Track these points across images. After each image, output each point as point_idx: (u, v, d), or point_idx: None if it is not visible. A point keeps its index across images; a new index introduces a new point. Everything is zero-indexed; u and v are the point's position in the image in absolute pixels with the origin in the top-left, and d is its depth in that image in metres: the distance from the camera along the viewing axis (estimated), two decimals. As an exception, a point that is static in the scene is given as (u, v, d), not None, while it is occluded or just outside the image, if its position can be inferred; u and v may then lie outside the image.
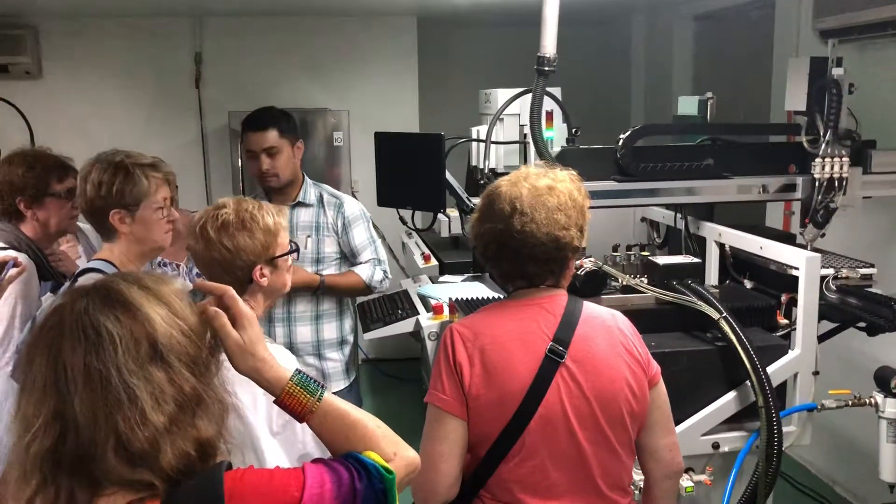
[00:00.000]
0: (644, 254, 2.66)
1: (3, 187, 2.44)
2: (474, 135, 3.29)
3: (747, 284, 2.65)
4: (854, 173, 2.63)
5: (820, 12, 2.90)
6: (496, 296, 3.03)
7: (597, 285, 2.37)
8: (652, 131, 2.88)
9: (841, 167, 2.58)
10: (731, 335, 2.19)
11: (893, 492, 2.32)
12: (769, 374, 2.18)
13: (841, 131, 2.60)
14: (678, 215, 2.87)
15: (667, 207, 2.97)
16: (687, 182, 2.65)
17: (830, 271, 2.43)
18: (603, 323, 1.74)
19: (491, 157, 3.08)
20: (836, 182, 2.59)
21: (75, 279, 2.14)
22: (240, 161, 5.14)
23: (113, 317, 1.04)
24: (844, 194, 2.60)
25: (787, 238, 2.78)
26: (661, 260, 2.50)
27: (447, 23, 5.98)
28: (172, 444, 1.02)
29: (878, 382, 2.29)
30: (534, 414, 1.62)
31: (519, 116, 3.20)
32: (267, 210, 1.86)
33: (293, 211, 2.88)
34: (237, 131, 5.06)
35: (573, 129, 2.95)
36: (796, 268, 2.30)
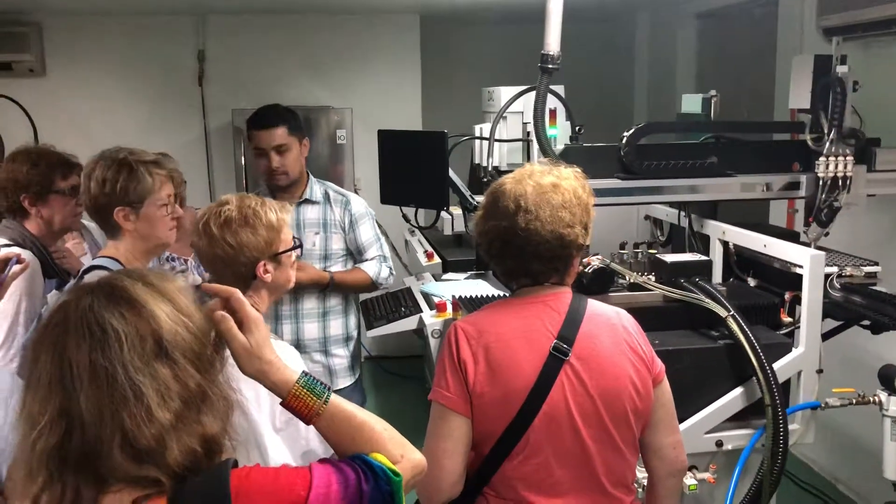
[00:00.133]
0: (651, 251, 2.66)
1: (8, 185, 2.44)
2: (477, 133, 3.28)
3: (751, 282, 2.64)
4: (858, 171, 2.62)
5: (824, 10, 2.89)
6: (499, 293, 3.03)
7: (604, 283, 2.37)
8: (656, 129, 2.88)
9: (845, 166, 2.57)
10: (739, 333, 2.19)
11: (897, 490, 2.32)
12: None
13: (845, 130, 2.60)
14: (682, 213, 2.86)
15: (670, 205, 2.96)
16: (691, 180, 2.65)
17: (834, 269, 2.43)
18: (607, 321, 1.74)
19: (494, 155, 3.08)
20: (841, 181, 2.58)
21: (81, 276, 2.14)
22: (243, 159, 5.14)
23: (118, 314, 1.04)
24: (848, 193, 2.60)
25: (791, 236, 2.77)
26: (669, 258, 2.50)
27: (450, 21, 5.98)
28: (178, 441, 1.03)
29: (882, 380, 2.28)
30: (538, 411, 1.62)
31: (522, 114, 3.19)
32: (270, 206, 1.86)
33: (299, 208, 2.89)
34: (240, 129, 5.09)
35: (577, 127, 2.95)
36: (800, 266, 2.30)
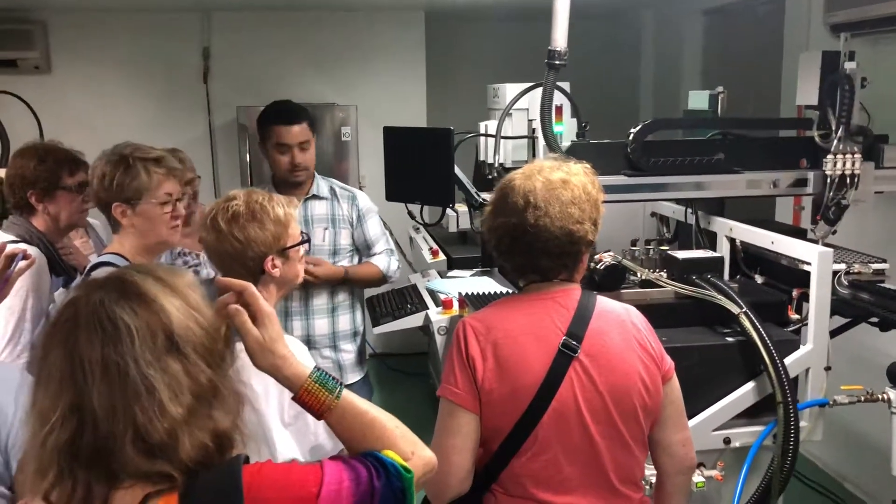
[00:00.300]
0: (663, 248, 2.65)
1: (15, 181, 2.44)
2: (482, 129, 3.28)
3: (758, 279, 2.64)
4: (866, 168, 2.61)
5: (831, 6, 2.88)
6: (505, 290, 3.03)
7: (616, 279, 2.37)
8: (663, 126, 2.87)
9: (853, 164, 2.56)
10: (752, 330, 2.18)
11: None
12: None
13: (853, 127, 2.58)
14: (689, 210, 2.85)
15: (677, 202, 2.95)
16: (698, 177, 2.64)
17: (842, 266, 2.42)
18: (617, 317, 1.73)
19: (500, 152, 3.08)
20: (849, 179, 2.57)
21: (87, 273, 2.14)
22: (248, 156, 5.14)
23: (129, 308, 1.04)
24: (856, 190, 2.59)
25: (798, 233, 2.76)
26: (681, 254, 2.49)
27: (454, 17, 5.98)
28: (191, 436, 1.02)
29: (891, 378, 2.27)
30: (547, 408, 1.62)
31: (527, 111, 3.19)
32: (277, 201, 1.86)
33: (307, 204, 2.89)
34: (245, 126, 5.09)
35: (583, 124, 2.94)
36: (808, 263, 2.29)
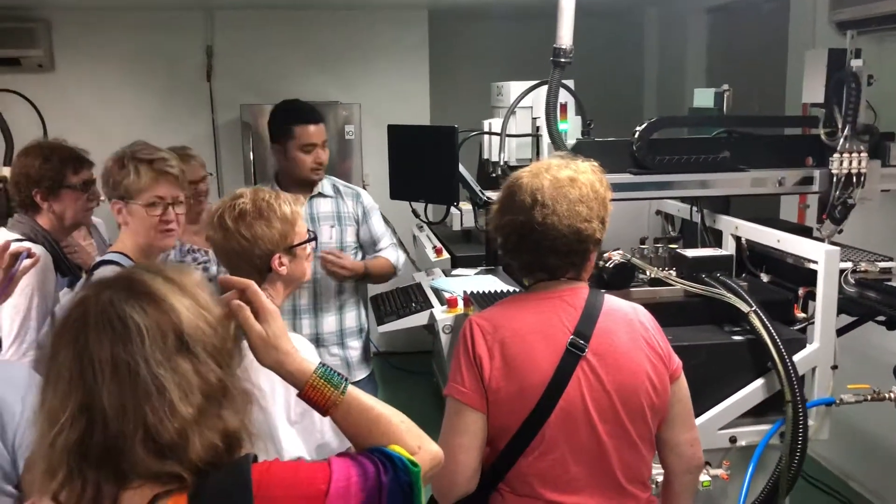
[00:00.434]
0: (672, 246, 2.65)
1: (20, 179, 2.44)
2: (486, 128, 3.27)
3: (764, 278, 2.63)
4: (872, 166, 2.60)
5: (837, 3, 2.87)
6: (510, 289, 3.02)
7: (625, 278, 2.37)
8: (668, 124, 2.87)
9: (859, 162, 2.55)
10: (762, 329, 2.18)
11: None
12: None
13: (859, 125, 2.57)
14: (694, 208, 2.85)
15: (682, 200, 2.95)
16: (703, 175, 2.63)
17: (849, 265, 2.41)
18: (624, 316, 1.73)
19: (505, 150, 3.07)
20: (855, 177, 2.56)
21: (92, 270, 2.14)
22: (251, 154, 5.14)
23: (139, 308, 1.04)
24: (862, 189, 2.58)
25: (804, 232, 2.76)
26: (690, 253, 2.49)
27: (457, 15, 5.97)
28: (200, 436, 1.02)
29: (898, 377, 2.28)
30: (554, 407, 1.62)
31: (531, 109, 3.18)
32: (284, 199, 1.86)
33: (312, 202, 2.90)
34: (249, 124, 5.08)
35: (587, 122, 2.94)
36: (815, 261, 2.29)
